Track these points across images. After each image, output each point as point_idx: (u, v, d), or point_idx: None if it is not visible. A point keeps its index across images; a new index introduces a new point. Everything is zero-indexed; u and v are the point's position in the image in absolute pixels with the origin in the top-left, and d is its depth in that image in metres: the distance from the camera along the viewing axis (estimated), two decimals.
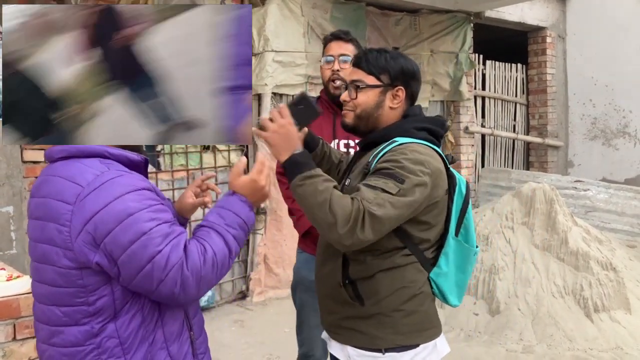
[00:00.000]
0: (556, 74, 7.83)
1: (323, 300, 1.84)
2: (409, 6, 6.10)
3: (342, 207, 1.50)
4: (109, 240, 1.22)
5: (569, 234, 4.53)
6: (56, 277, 1.30)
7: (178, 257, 1.26)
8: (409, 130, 1.71)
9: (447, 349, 1.80)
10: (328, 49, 2.65)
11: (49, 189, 1.31)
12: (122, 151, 1.36)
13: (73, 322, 1.31)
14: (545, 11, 7.61)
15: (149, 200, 1.28)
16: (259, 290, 5.04)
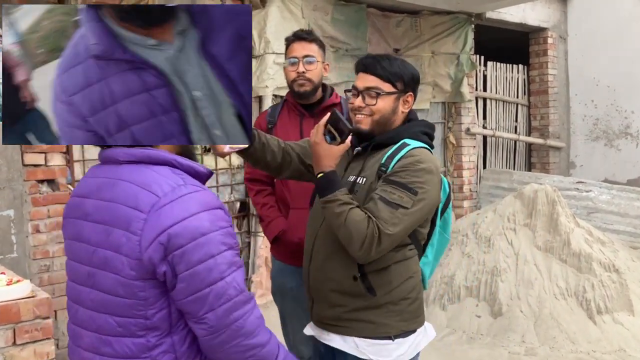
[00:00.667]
0: (558, 75, 7.82)
1: (326, 294, 1.85)
2: (410, 7, 6.09)
3: (357, 231, 1.67)
4: (178, 254, 1.20)
5: (571, 236, 4.52)
6: (117, 286, 1.26)
7: (234, 292, 1.25)
8: (417, 133, 1.87)
9: (434, 333, 1.97)
10: (291, 50, 2.57)
11: (117, 193, 1.26)
12: (190, 162, 1.33)
13: (128, 333, 1.27)
14: (546, 12, 7.60)
15: (221, 222, 1.26)
16: (260, 293, 5.02)
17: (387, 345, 1.80)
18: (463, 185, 6.85)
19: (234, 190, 5.08)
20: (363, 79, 1.86)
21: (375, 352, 1.79)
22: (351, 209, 1.70)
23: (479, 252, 4.72)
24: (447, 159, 6.87)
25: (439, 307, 4.60)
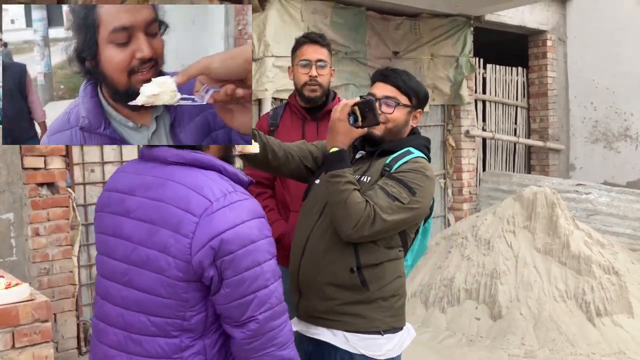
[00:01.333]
0: (557, 77, 7.82)
1: (319, 288, 1.88)
2: (409, 10, 6.10)
3: (355, 211, 1.75)
4: (228, 259, 1.23)
5: (571, 238, 4.52)
6: (158, 286, 1.27)
7: (276, 301, 1.28)
8: (420, 145, 1.99)
9: (414, 332, 2.04)
10: (303, 52, 2.53)
11: (166, 193, 1.27)
12: (235, 170, 1.36)
13: (162, 333, 1.28)
14: (545, 14, 7.61)
15: (266, 231, 1.30)
16: None
17: (377, 340, 1.85)
18: (462, 188, 6.85)
19: None
20: (382, 88, 1.95)
21: (366, 346, 1.84)
22: (354, 190, 1.79)
23: (479, 254, 4.73)
24: (446, 162, 6.87)
25: (438, 310, 4.60)
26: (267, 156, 1.95)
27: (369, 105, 1.82)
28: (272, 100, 5.04)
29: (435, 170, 6.74)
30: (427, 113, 6.59)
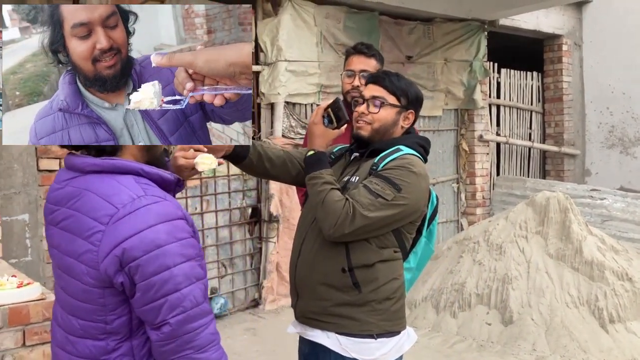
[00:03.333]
0: (572, 82, 7.77)
1: (313, 288, 1.88)
2: (422, 15, 6.11)
3: (333, 210, 1.76)
4: (134, 265, 1.22)
5: (584, 244, 4.48)
6: (79, 292, 1.30)
7: (190, 305, 1.26)
8: (413, 143, 1.96)
9: (416, 336, 2.01)
10: (349, 63, 2.67)
11: (82, 203, 1.29)
12: (156, 170, 1.34)
13: (89, 336, 1.31)
14: (561, 19, 7.57)
15: (180, 233, 1.27)
16: (271, 299, 5.05)
17: (369, 344, 1.83)
18: (476, 193, 6.83)
19: (245, 196, 5.11)
20: (370, 89, 1.98)
21: (358, 350, 1.82)
22: (332, 189, 1.80)
23: (490, 259, 4.70)
24: (459, 166, 6.85)
25: (449, 315, 4.59)
26: (264, 166, 1.97)
27: (337, 105, 1.91)
28: (285, 105, 5.07)
29: (448, 175, 6.74)
30: (441, 117, 6.59)
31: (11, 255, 3.59)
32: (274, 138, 4.99)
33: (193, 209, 4.77)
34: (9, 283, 2.27)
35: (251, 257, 5.17)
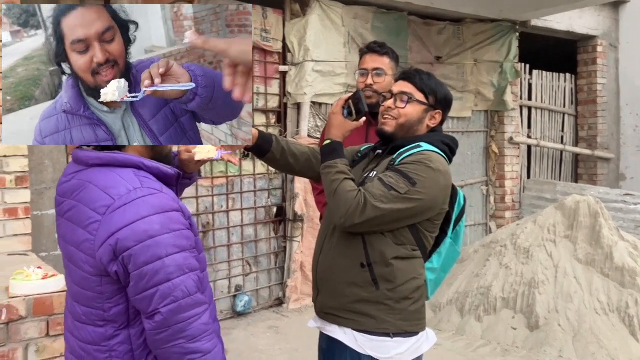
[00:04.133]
0: (607, 84, 7.59)
1: (333, 284, 1.89)
2: (452, 15, 6.05)
3: (345, 199, 1.76)
4: (127, 255, 1.27)
5: (615, 249, 4.37)
6: (80, 279, 1.37)
7: (181, 295, 1.29)
8: (436, 141, 1.93)
9: (435, 338, 1.98)
10: (363, 62, 2.68)
11: (83, 195, 1.35)
12: (156, 164, 1.39)
13: (90, 322, 1.37)
14: (596, 19, 7.40)
15: (174, 224, 1.31)
16: (295, 298, 5.07)
17: (385, 343, 1.82)
18: (505, 196, 6.72)
19: (271, 195, 5.14)
20: (399, 85, 1.98)
21: (374, 347, 1.81)
22: (345, 179, 1.81)
23: (517, 263, 4.62)
24: (489, 169, 6.76)
25: (474, 318, 4.53)
26: (288, 161, 2.01)
27: (357, 97, 1.91)
28: (311, 105, 5.08)
29: (477, 177, 6.65)
30: (470, 119, 6.51)
31: (41, 249, 3.69)
32: (299, 138, 5.01)
33: (219, 206, 4.82)
34: (35, 274, 2.33)
35: (276, 256, 5.20)
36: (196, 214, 4.64)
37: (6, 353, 2.23)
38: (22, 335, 2.26)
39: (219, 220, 4.82)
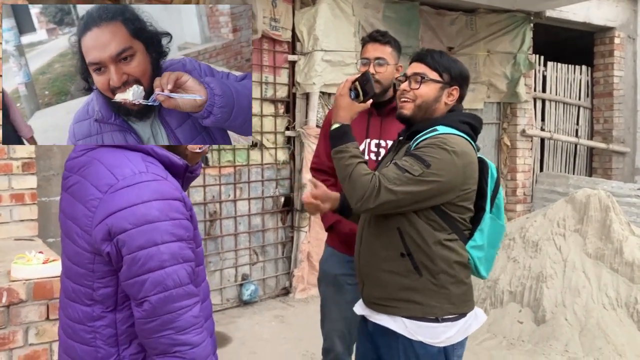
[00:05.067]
0: (624, 77, 7.46)
1: (375, 274, 1.92)
2: (465, 5, 5.98)
3: (360, 183, 1.76)
4: (122, 237, 1.25)
5: (625, 244, 4.31)
6: (73, 254, 1.36)
7: (173, 284, 1.27)
8: (453, 121, 1.91)
9: (485, 316, 1.99)
10: (364, 51, 2.64)
11: (89, 171, 1.34)
12: (166, 152, 1.37)
13: (79, 300, 1.36)
14: (614, 10, 7.26)
15: (174, 213, 1.29)
16: (301, 287, 5.08)
17: (435, 328, 1.84)
18: (517, 189, 6.66)
19: (278, 185, 5.14)
20: (413, 67, 1.98)
21: (424, 333, 1.84)
22: (359, 163, 1.81)
23: (525, 256, 4.58)
24: (500, 161, 6.69)
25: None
26: None
27: (365, 78, 1.88)
28: (320, 95, 5.06)
29: None
30: (482, 110, 6.45)
31: (48, 235, 3.72)
32: (308, 128, 5.00)
33: (226, 195, 4.83)
34: (35, 259, 2.35)
35: (283, 246, 5.20)
36: (203, 203, 4.66)
37: (6, 335, 2.26)
38: (22, 318, 2.29)
39: (226, 209, 4.83)
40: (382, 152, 2.57)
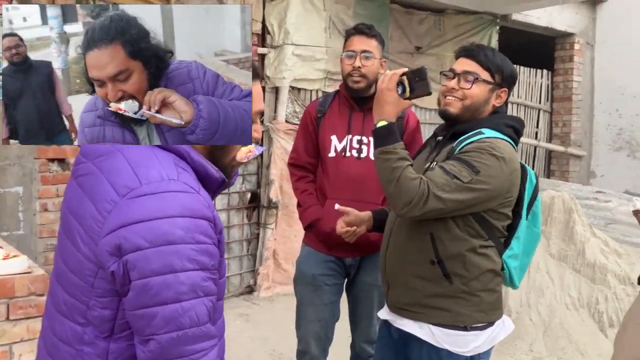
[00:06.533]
0: (583, 82, 7.66)
1: (404, 279, 1.85)
2: (434, 5, 6.00)
3: (407, 189, 1.66)
4: (134, 257, 1.03)
5: (587, 245, 4.40)
6: (71, 259, 1.13)
7: (189, 323, 1.06)
8: (499, 125, 1.82)
9: (512, 325, 1.96)
10: (350, 44, 2.55)
11: (108, 163, 1.14)
12: (203, 160, 1.17)
13: (70, 316, 1.13)
14: (574, 17, 7.45)
15: (200, 235, 1.07)
16: (266, 285, 4.98)
17: (463, 336, 1.78)
18: None
19: (245, 180, 5.03)
20: (463, 63, 1.85)
21: (452, 342, 1.77)
22: (407, 166, 1.71)
23: None
24: None
25: None
26: None
27: (420, 74, 1.73)
28: (289, 89, 4.98)
29: None
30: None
31: (3, 228, 3.53)
32: (277, 123, 4.91)
33: None
34: None
35: (248, 243, 5.10)
36: None
37: None
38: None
39: None
40: (364, 149, 2.51)
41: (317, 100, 2.75)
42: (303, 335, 2.62)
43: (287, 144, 4.77)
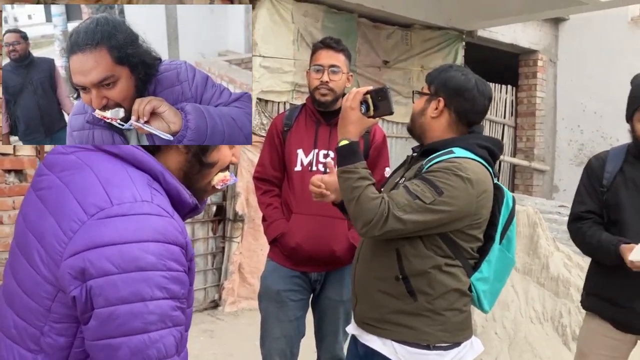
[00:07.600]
0: (546, 98, 7.82)
1: (370, 294, 1.83)
2: (401, 20, 6.05)
3: (367, 209, 1.65)
4: (100, 283, 0.96)
5: (551, 259, 4.45)
6: (27, 280, 1.05)
7: (156, 355, 0.99)
8: (472, 145, 1.79)
9: (482, 347, 1.91)
10: (318, 57, 2.53)
11: (76, 178, 1.06)
12: (178, 184, 1.12)
13: (21, 342, 1.04)
14: (537, 34, 7.61)
15: (172, 262, 1.01)
16: (231, 300, 4.89)
17: (426, 356, 1.74)
18: None
19: None
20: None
21: (413, 359, 1.75)
22: (368, 185, 1.70)
23: None
24: None
25: None
26: None
27: (383, 93, 1.73)
28: (257, 101, 4.93)
29: None
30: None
31: None
32: None
33: None
34: None
35: (213, 257, 5.01)
36: None
37: None
38: None
39: None
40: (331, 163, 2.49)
41: (284, 113, 2.72)
42: (268, 352, 2.57)
43: (253, 156, 4.71)
